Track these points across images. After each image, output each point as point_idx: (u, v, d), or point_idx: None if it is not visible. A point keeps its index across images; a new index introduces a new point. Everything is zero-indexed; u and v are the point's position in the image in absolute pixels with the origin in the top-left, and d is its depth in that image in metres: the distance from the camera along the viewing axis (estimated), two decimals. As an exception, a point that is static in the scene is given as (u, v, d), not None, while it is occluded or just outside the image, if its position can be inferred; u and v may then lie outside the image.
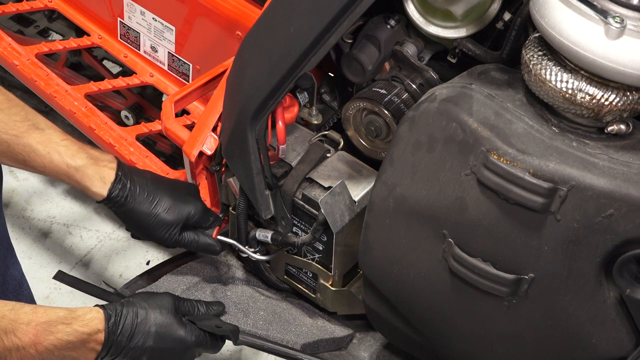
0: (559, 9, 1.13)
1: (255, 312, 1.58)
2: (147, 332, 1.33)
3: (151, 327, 1.34)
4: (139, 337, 1.33)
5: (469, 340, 1.35)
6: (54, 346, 1.26)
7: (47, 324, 1.26)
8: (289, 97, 1.46)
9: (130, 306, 1.35)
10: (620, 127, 1.17)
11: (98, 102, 2.17)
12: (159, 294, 1.42)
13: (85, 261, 2.23)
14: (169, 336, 1.35)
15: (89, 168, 1.43)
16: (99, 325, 1.30)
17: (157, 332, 1.34)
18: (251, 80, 1.42)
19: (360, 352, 1.58)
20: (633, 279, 1.17)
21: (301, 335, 1.56)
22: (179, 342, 1.36)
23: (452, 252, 1.26)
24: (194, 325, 1.39)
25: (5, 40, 2.09)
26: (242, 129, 1.41)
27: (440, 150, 1.24)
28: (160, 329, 1.35)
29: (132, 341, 1.32)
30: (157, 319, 1.35)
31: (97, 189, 1.43)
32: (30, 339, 1.24)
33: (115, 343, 1.31)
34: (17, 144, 1.40)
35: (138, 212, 1.45)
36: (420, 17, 1.44)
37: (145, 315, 1.34)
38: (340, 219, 1.43)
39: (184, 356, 1.39)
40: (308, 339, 1.55)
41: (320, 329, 1.58)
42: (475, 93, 1.23)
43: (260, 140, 1.42)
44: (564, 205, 1.15)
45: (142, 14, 1.96)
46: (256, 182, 1.43)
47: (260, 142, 1.42)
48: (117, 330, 1.31)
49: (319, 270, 1.54)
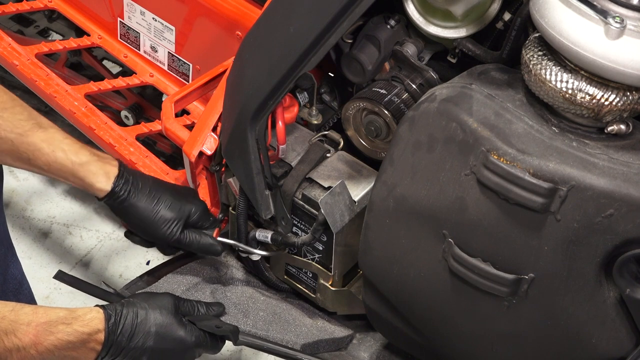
0: (559, 9, 1.13)
1: (255, 312, 1.58)
2: (147, 332, 1.33)
3: (151, 327, 1.34)
4: (139, 337, 1.33)
5: (469, 340, 1.35)
6: (55, 346, 1.26)
7: (48, 324, 1.26)
8: (289, 97, 1.46)
9: (131, 306, 1.34)
10: (620, 127, 1.17)
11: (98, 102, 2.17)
12: (159, 294, 1.42)
13: (85, 261, 2.23)
14: (169, 336, 1.35)
15: (92, 164, 1.44)
16: (99, 325, 1.30)
17: (157, 332, 1.34)
18: (251, 80, 1.43)
19: (360, 352, 1.58)
20: (633, 278, 1.17)
21: (301, 335, 1.56)
22: (179, 343, 1.36)
23: (452, 252, 1.26)
24: (194, 326, 1.39)
25: (5, 40, 2.09)
26: (242, 129, 1.41)
27: (440, 150, 1.24)
28: (161, 329, 1.34)
29: (132, 341, 1.32)
30: (157, 319, 1.35)
31: (101, 185, 1.44)
32: (31, 339, 1.24)
33: (115, 343, 1.31)
34: (21, 143, 1.41)
35: (140, 208, 1.45)
36: (420, 17, 1.44)
37: (145, 316, 1.34)
38: (340, 219, 1.43)
39: (183, 356, 1.39)
40: (308, 339, 1.55)
41: (320, 330, 1.58)
42: (475, 93, 1.23)
43: (260, 140, 1.42)
44: (564, 205, 1.15)
45: (142, 14, 1.96)
46: (256, 182, 1.44)
47: (260, 142, 1.42)
48: (117, 330, 1.31)
49: (319, 270, 1.54)
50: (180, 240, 1.48)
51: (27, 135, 1.41)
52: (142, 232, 1.49)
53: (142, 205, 1.45)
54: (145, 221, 1.46)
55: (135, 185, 1.45)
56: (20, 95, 2.26)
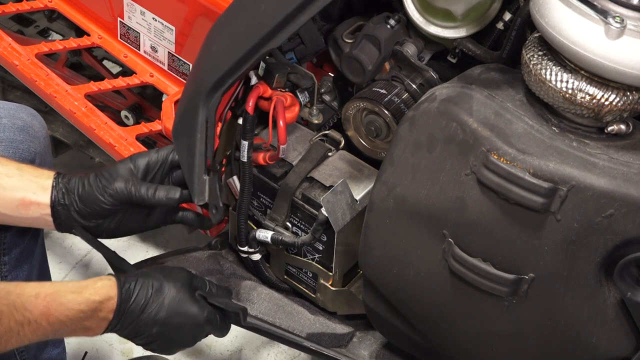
0: (559, 9, 1.13)
1: (259, 302, 1.57)
2: (161, 304, 1.29)
3: (165, 299, 1.30)
4: (153, 307, 1.29)
5: (468, 340, 1.35)
6: (66, 316, 1.23)
7: (56, 294, 1.22)
8: (290, 96, 1.46)
9: (145, 277, 1.30)
10: (620, 127, 1.17)
11: (98, 102, 2.17)
12: (175, 268, 1.38)
13: (85, 261, 2.23)
14: (182, 310, 1.31)
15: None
16: (110, 292, 1.26)
17: (171, 305, 1.30)
18: (214, 56, 1.37)
19: (360, 350, 1.58)
20: (634, 282, 1.17)
21: (306, 326, 1.55)
22: (191, 318, 1.33)
23: (452, 252, 1.26)
24: (205, 303, 1.35)
25: (5, 40, 2.08)
26: (195, 105, 1.36)
27: (440, 150, 1.24)
28: (174, 303, 1.30)
29: (145, 312, 1.28)
30: (172, 291, 1.31)
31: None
32: (41, 310, 1.20)
33: (128, 312, 1.27)
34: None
35: (84, 190, 1.35)
36: (420, 17, 1.44)
37: (160, 287, 1.30)
38: (341, 217, 1.43)
39: (192, 332, 1.35)
40: (313, 331, 1.55)
41: (323, 325, 1.57)
42: (475, 93, 1.23)
43: (210, 120, 1.35)
44: (564, 205, 1.15)
45: (142, 14, 1.96)
46: (197, 163, 1.37)
47: (210, 122, 1.35)
48: (131, 298, 1.27)
49: (319, 270, 1.54)
50: (139, 192, 1.35)
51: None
52: (92, 206, 1.36)
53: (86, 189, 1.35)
54: (93, 198, 1.35)
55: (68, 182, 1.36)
56: (20, 95, 2.27)
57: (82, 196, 1.35)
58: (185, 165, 1.40)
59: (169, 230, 2.23)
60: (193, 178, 1.38)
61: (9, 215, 1.36)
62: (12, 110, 1.53)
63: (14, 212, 1.36)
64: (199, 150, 1.36)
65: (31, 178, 1.36)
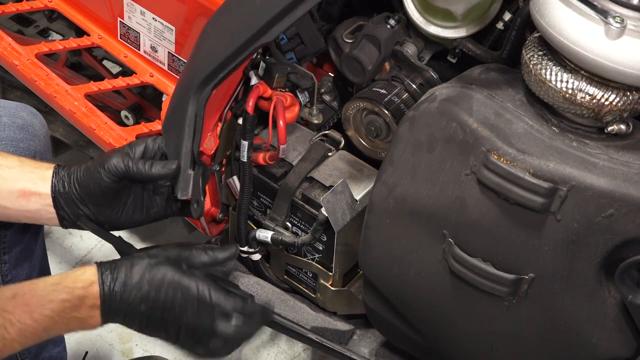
0: (559, 9, 1.13)
1: (264, 295, 1.57)
2: (142, 276, 1.21)
3: (145, 272, 1.22)
4: (134, 283, 1.21)
5: (468, 340, 1.35)
6: (52, 310, 1.18)
7: (35, 289, 1.18)
8: (290, 96, 1.47)
9: (128, 258, 1.24)
10: (620, 127, 1.17)
11: (98, 102, 2.17)
12: (168, 245, 1.31)
13: (85, 261, 2.23)
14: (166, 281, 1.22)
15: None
16: (92, 277, 1.20)
17: (153, 277, 1.22)
18: (207, 51, 1.36)
19: (360, 347, 1.58)
20: (635, 285, 1.17)
21: (309, 320, 1.55)
22: (183, 292, 1.22)
23: (452, 252, 1.26)
24: (202, 275, 1.25)
25: (5, 40, 2.08)
26: (185, 99, 1.35)
27: (440, 150, 1.24)
28: (156, 275, 1.22)
29: (127, 288, 1.20)
30: (151, 263, 1.23)
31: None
32: (21, 309, 1.16)
33: (111, 294, 1.20)
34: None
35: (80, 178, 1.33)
36: (421, 17, 1.44)
37: (140, 262, 1.23)
38: (342, 217, 1.43)
39: (192, 308, 1.23)
40: (315, 325, 1.55)
41: (324, 321, 1.58)
42: (475, 93, 1.23)
43: (199, 114, 1.34)
44: (564, 205, 1.15)
45: (142, 14, 1.96)
46: (183, 156, 1.35)
47: (199, 117, 1.34)
48: (113, 278, 1.20)
49: (319, 270, 1.54)
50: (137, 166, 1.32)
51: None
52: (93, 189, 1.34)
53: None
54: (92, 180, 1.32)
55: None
56: (20, 95, 2.27)
57: (81, 182, 1.33)
58: (171, 158, 1.37)
59: (169, 230, 2.23)
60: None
61: (10, 209, 1.35)
62: (13, 109, 1.52)
63: (15, 204, 1.34)
64: (185, 145, 1.35)
65: (31, 169, 1.35)
